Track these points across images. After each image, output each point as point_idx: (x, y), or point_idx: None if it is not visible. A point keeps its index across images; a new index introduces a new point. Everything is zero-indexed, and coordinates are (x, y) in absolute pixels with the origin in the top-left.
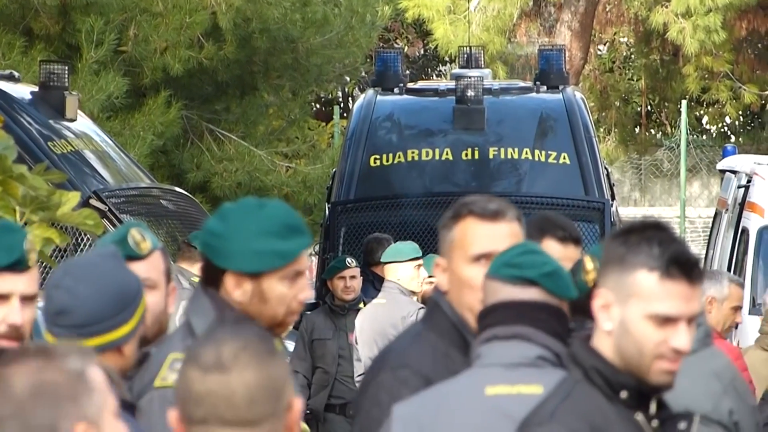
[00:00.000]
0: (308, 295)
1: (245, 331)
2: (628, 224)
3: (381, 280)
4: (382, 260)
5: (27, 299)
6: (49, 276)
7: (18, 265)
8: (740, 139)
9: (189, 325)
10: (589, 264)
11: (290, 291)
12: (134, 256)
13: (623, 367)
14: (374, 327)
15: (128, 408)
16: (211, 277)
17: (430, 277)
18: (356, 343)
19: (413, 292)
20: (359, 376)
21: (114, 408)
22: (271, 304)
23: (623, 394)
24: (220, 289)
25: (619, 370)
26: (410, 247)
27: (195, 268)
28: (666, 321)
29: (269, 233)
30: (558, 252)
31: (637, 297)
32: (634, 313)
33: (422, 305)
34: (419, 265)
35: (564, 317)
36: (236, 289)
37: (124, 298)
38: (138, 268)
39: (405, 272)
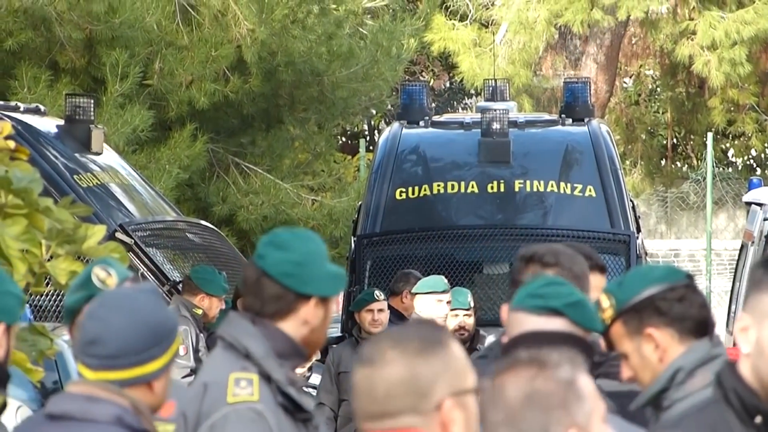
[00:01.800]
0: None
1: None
2: None
3: (396, 312)
4: (412, 292)
5: None
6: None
7: None
8: (766, 171)
9: (239, 348)
10: (605, 302)
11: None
12: None
13: (762, 390)
14: None
15: None
16: (285, 308)
17: (451, 310)
18: None
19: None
20: None
21: (603, 414)
22: (325, 328)
23: (758, 419)
24: (289, 317)
25: (758, 395)
26: (438, 280)
27: (196, 300)
28: None
29: (327, 258)
30: None
31: None
32: None
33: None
34: (446, 299)
35: (589, 348)
36: (315, 316)
37: (158, 333)
38: None
39: (431, 305)
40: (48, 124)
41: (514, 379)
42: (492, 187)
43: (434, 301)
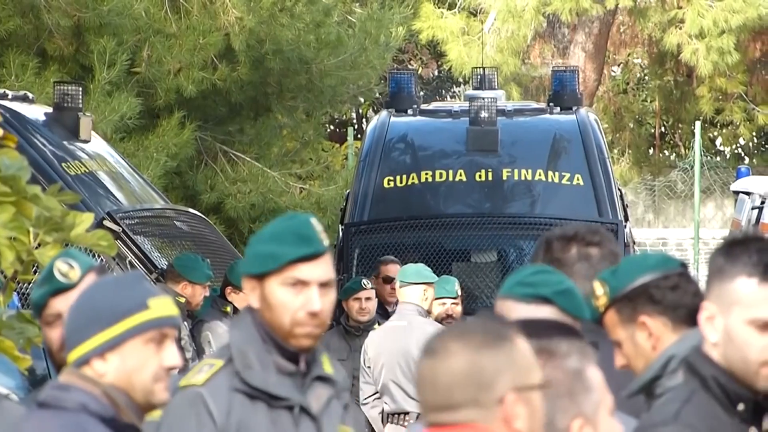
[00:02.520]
0: (314, 308)
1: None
2: (729, 237)
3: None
4: (397, 280)
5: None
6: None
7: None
8: (754, 160)
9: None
10: (599, 289)
11: (293, 299)
12: (65, 287)
13: (734, 378)
14: (396, 349)
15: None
16: (244, 289)
17: (439, 299)
18: (365, 365)
19: (429, 312)
20: (366, 398)
21: (610, 406)
22: (276, 311)
23: (740, 407)
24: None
25: (737, 381)
26: (422, 269)
27: (179, 287)
28: None
29: (273, 238)
30: None
31: (737, 305)
32: (736, 321)
33: (442, 326)
34: (430, 288)
35: (578, 337)
36: (251, 294)
37: (91, 314)
38: (73, 296)
39: (416, 294)
40: (36, 112)
41: None
42: (480, 176)
43: (421, 290)
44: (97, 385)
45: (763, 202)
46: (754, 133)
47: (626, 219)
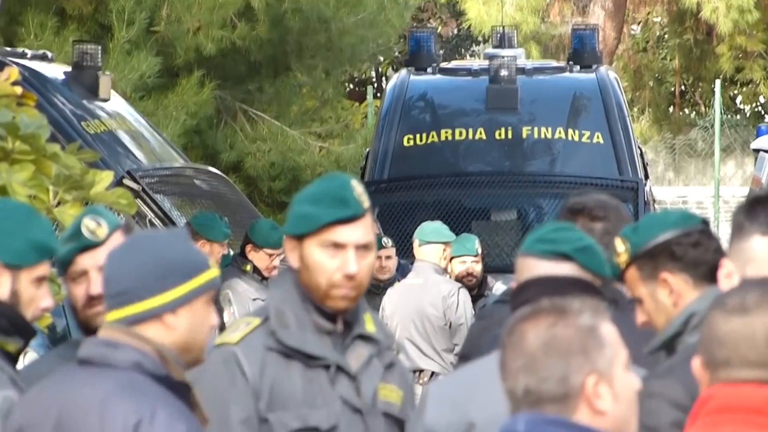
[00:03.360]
0: (350, 271)
1: None
2: (752, 195)
3: None
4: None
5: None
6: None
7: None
8: None
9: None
10: (620, 246)
11: (330, 261)
12: (93, 244)
13: None
14: (410, 307)
15: (183, 389)
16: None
17: (458, 257)
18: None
19: (445, 270)
20: None
21: (626, 361)
22: (313, 272)
23: None
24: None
25: None
26: (441, 228)
27: (197, 246)
28: None
29: (312, 200)
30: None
31: (752, 262)
32: None
33: (461, 284)
34: (448, 247)
35: (598, 293)
36: (291, 254)
37: (165, 267)
38: (100, 254)
39: (434, 253)
40: (55, 71)
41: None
42: (500, 134)
43: (439, 248)
44: (148, 343)
45: None
46: None
47: (646, 177)
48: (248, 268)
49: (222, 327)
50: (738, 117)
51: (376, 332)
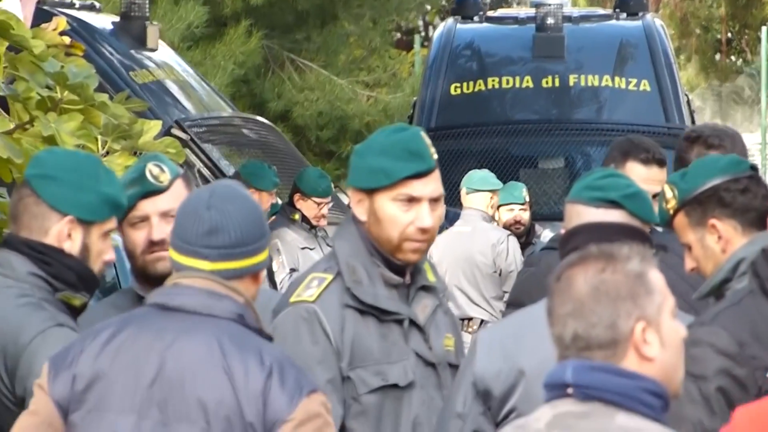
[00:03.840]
0: (425, 224)
1: None
2: None
3: None
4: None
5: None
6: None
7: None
8: None
9: (333, 250)
10: (668, 192)
11: (404, 215)
12: (156, 190)
13: None
14: (459, 254)
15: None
16: (350, 201)
17: (506, 204)
18: None
19: (492, 218)
20: None
21: (673, 309)
22: (385, 225)
23: None
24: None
25: None
26: (488, 176)
27: None
28: None
29: (385, 152)
30: (642, 174)
31: None
32: None
33: (509, 232)
34: (495, 195)
35: (647, 240)
36: (357, 206)
37: (263, 226)
38: (162, 200)
39: (482, 201)
40: (103, 21)
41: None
42: (546, 82)
43: (487, 197)
44: (240, 294)
45: None
46: None
47: (693, 125)
48: (297, 217)
49: (270, 276)
50: None
51: (436, 282)
